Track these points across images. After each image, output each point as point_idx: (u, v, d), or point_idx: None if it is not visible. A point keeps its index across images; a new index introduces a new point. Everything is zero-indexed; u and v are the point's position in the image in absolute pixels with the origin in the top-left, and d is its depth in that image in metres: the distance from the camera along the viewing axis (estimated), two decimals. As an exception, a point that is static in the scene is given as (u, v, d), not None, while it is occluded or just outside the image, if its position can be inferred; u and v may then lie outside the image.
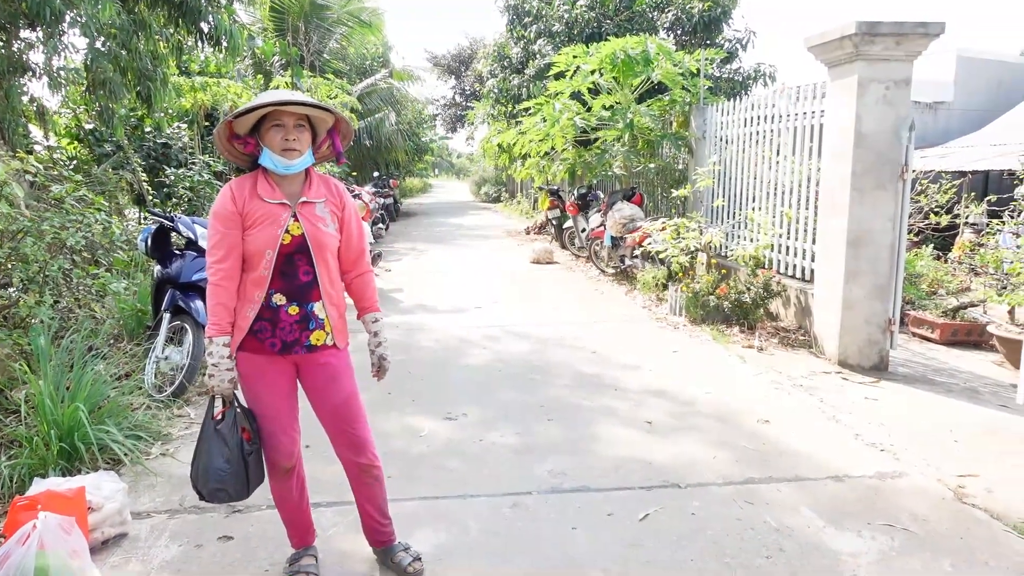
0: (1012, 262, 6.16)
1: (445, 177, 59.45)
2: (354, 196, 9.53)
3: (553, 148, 10.21)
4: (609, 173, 9.79)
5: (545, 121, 9.47)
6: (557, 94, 9.63)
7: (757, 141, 6.75)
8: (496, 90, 14.32)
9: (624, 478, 3.31)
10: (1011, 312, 6.11)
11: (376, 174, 17.33)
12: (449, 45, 33.78)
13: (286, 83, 11.10)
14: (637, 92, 9.26)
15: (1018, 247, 6.59)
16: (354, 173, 17.70)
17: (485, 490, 3.21)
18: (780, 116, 6.33)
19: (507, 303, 7.37)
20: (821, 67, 5.42)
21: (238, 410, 2.34)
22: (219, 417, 2.31)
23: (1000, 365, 5.24)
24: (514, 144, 11.00)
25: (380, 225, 13.76)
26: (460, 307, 7.16)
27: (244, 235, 2.26)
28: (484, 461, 3.52)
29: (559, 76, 9.80)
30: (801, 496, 3.12)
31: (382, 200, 15.08)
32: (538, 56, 12.71)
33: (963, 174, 10.50)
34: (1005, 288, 6.12)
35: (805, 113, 5.95)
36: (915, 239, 8.70)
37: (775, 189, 6.45)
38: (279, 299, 2.30)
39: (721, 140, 7.59)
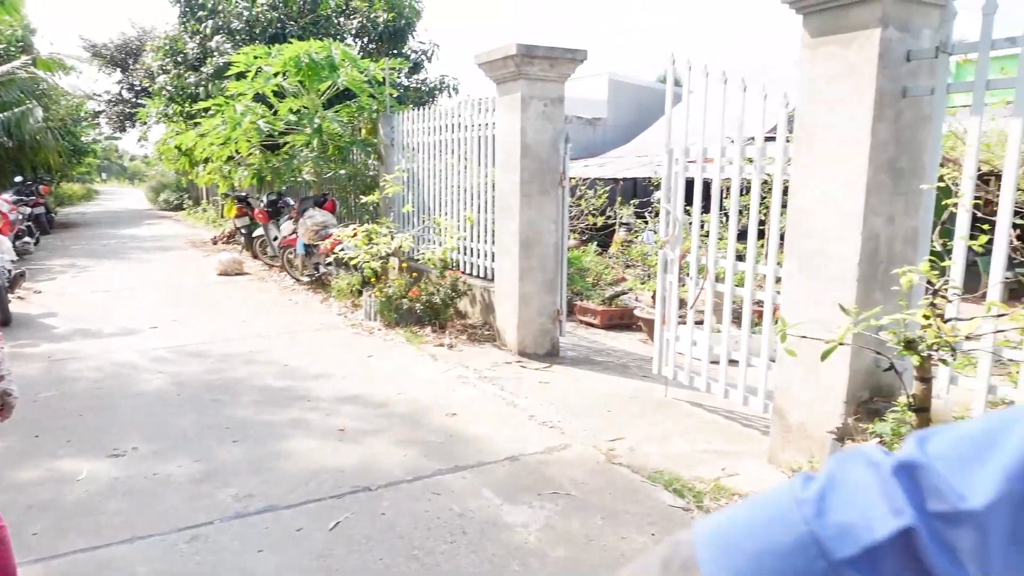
0: (650, 255, 7.36)
1: (116, 182, 52.53)
2: (-15, 205, 7.95)
3: (238, 152, 9.62)
4: (299, 179, 9.52)
5: (227, 124, 8.88)
6: (239, 95, 9.09)
7: (443, 149, 7.10)
8: (170, 87, 13.04)
9: (315, 490, 3.24)
10: (653, 296, 7.30)
11: (19, 179, 14.70)
12: (112, 33, 29.73)
13: None
14: (325, 97, 9.14)
15: (654, 243, 7.90)
16: (-12, 177, 14.78)
17: (158, 529, 2.90)
18: (463, 126, 6.73)
19: (188, 321, 6.76)
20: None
21: None
22: None
23: (645, 343, 6.20)
24: (194, 147, 10.13)
25: (27, 239, 11.70)
26: (131, 329, 6.38)
27: None
28: (157, 497, 3.18)
29: (240, 76, 9.27)
30: (482, 480, 3.36)
31: (28, 210, 12.84)
32: (216, 54, 11.86)
33: (616, 181, 12.24)
34: (649, 277, 7.28)
35: (484, 124, 6.41)
36: (582, 238, 9.93)
37: (460, 195, 6.85)
38: None
39: (410, 148, 7.83)
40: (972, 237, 2.83)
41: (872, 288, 3.17)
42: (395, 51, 12.57)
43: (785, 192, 3.63)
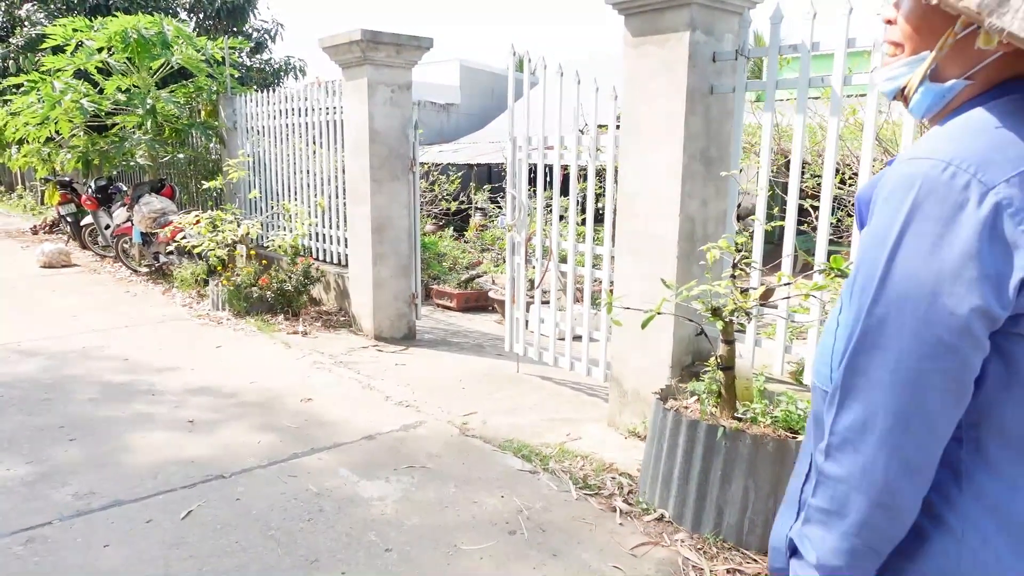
0: (503, 239, 7.62)
1: (-95, 166, 45.93)
2: None
3: (59, 133, 8.82)
4: (132, 163, 8.91)
5: (44, 102, 8.12)
6: (58, 71, 8.33)
7: (291, 133, 6.94)
8: (-29, 60, 11.65)
9: (164, 482, 3.18)
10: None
11: None
12: None
13: None
14: (158, 76, 8.59)
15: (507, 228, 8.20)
16: None
17: (-13, 535, 2.74)
18: (311, 110, 6.61)
19: (9, 318, 6.20)
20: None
21: None
22: None
23: (499, 323, 6.46)
24: (4, 127, 9.16)
25: None
26: (-62, 328, 5.77)
27: None
28: (-16, 502, 2.99)
29: (58, 50, 8.49)
30: (340, 459, 3.44)
31: None
32: (28, 23, 10.75)
33: (471, 166, 12.45)
34: (503, 260, 7.55)
35: (333, 108, 6.33)
36: (438, 224, 10.06)
37: (310, 180, 6.74)
38: None
39: (255, 131, 7.57)
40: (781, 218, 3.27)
41: (691, 264, 3.56)
42: (234, 29, 12.00)
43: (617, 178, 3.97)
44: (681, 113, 3.42)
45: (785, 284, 2.90)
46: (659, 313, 2.77)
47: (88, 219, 9.65)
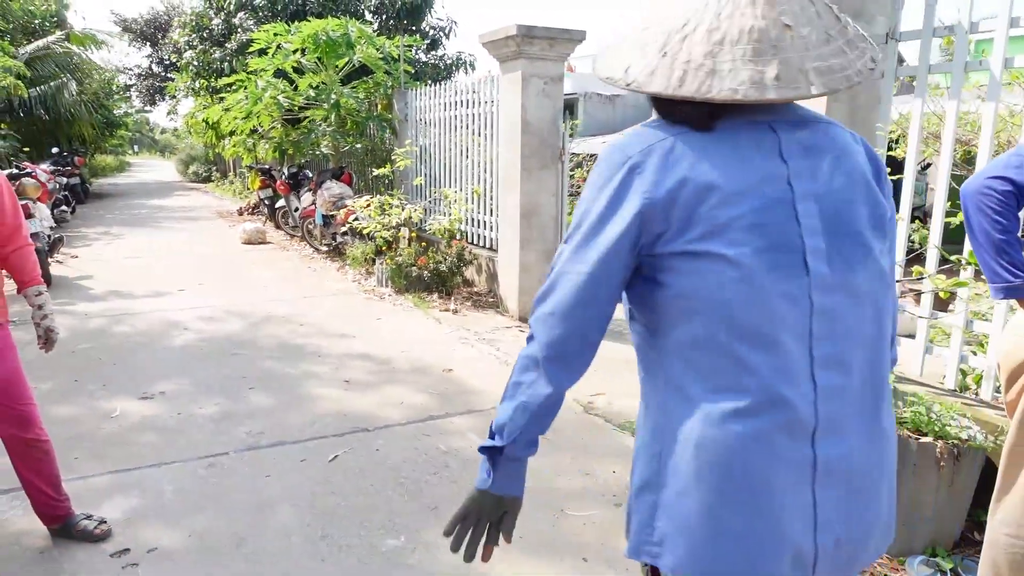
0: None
1: (147, 155, 53.52)
2: (26, 174, 8.46)
3: (260, 126, 10.02)
4: (318, 153, 9.90)
5: (249, 99, 9.27)
6: (261, 71, 9.46)
7: (454, 124, 7.41)
8: (196, 63, 13.47)
9: (319, 430, 3.65)
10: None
11: (55, 150, 15.28)
12: (141, 8, 30.18)
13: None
14: (342, 73, 9.48)
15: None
16: (26, 149, 15.37)
17: (181, 457, 3.33)
18: (472, 102, 7.03)
19: (214, 285, 7.22)
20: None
21: None
22: None
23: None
24: (219, 121, 10.56)
25: (64, 207, 12.28)
26: (161, 291, 6.86)
27: None
28: (181, 432, 3.61)
29: (262, 53, 9.63)
30: (471, 424, 3.74)
31: (65, 180, 13.41)
32: (240, 30, 12.24)
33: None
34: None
35: (491, 101, 6.70)
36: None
37: (468, 168, 7.17)
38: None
39: (423, 122, 8.16)
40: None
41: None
42: (413, 28, 12.85)
43: None
44: (823, 100, 3.32)
45: (919, 279, 2.77)
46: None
47: (281, 202, 10.87)
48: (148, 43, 26.91)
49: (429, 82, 10.47)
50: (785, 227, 1.02)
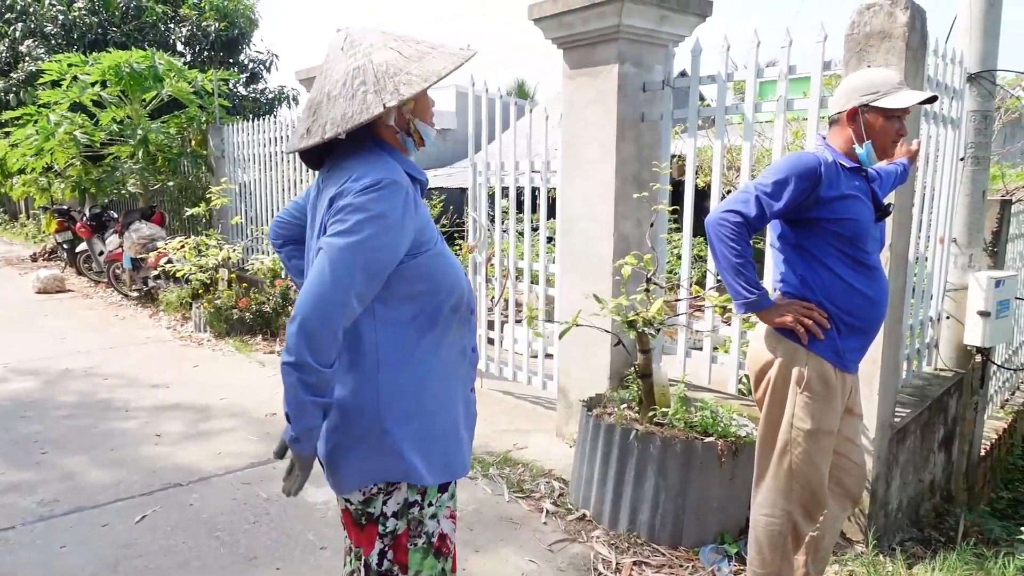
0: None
1: (-84, 196, 46.63)
2: None
3: (55, 163, 9.16)
4: (124, 192, 9.22)
5: (39, 134, 8.46)
6: (55, 104, 8.68)
7: (276, 161, 7.22)
8: (-25, 93, 12.07)
9: (124, 490, 3.39)
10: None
11: None
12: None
13: None
14: (150, 107, 8.93)
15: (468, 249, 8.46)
16: None
17: (-46, 537, 2.95)
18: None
19: (1, 340, 6.45)
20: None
21: None
22: None
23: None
24: (4, 158, 9.51)
25: None
26: (-70, 351, 6.02)
27: None
28: (-46, 509, 3.20)
29: (56, 84, 8.85)
30: (293, 468, 3.64)
31: None
32: (28, 59, 11.16)
33: (462, 190, 12.75)
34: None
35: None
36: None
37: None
38: None
39: (243, 158, 7.87)
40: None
41: (627, 281, 3.77)
42: (230, 60, 12.40)
43: (560, 200, 4.19)
44: (613, 139, 3.66)
45: (678, 300, 3.12)
46: (577, 325, 2.98)
47: (83, 246, 9.95)
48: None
49: (250, 116, 10.14)
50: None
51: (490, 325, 5.15)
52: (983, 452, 4.57)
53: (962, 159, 3.91)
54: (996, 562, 2.96)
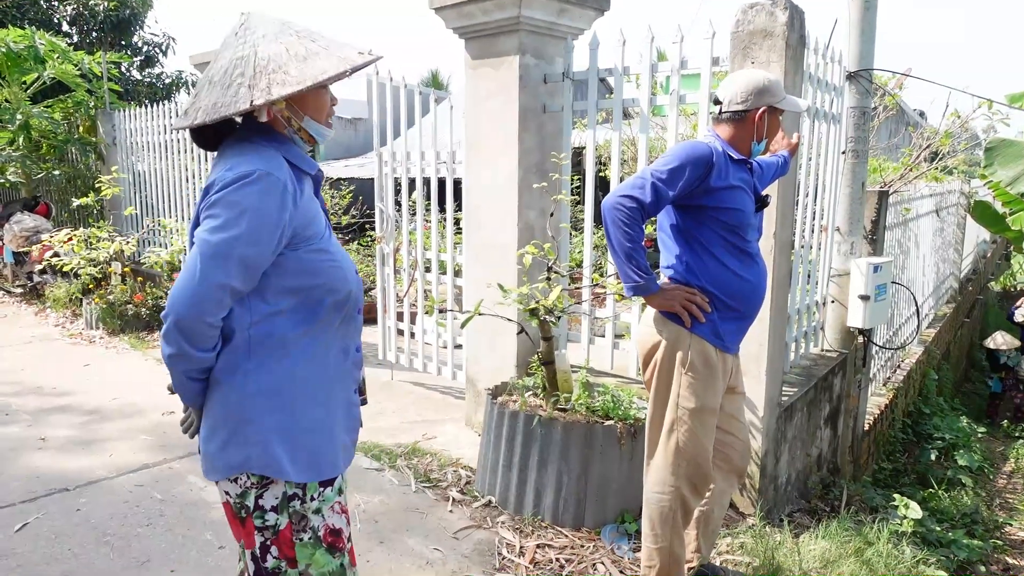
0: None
1: None
2: None
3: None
4: (4, 181, 8.59)
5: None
6: (-81, 85, 7.98)
7: (173, 149, 6.88)
8: None
9: (2, 498, 3.18)
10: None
11: None
12: None
13: None
14: (31, 90, 8.34)
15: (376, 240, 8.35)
16: None
17: None
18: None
19: None
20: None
21: None
22: None
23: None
24: None
25: None
26: None
27: None
28: None
29: (-80, 64, 8.11)
30: (190, 468, 3.51)
31: None
32: None
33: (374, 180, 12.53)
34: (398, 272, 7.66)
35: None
36: (343, 239, 10.08)
37: (191, 196, 6.71)
38: None
39: (137, 146, 7.47)
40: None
41: (532, 270, 3.82)
42: (122, 42, 11.72)
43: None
44: (515, 130, 3.69)
45: (579, 288, 3.20)
46: (480, 314, 3.01)
47: (-42, 240, 9.20)
48: None
49: (145, 102, 9.61)
50: None
51: (399, 316, 5.11)
52: (867, 427, 4.90)
53: (843, 153, 4.16)
54: (872, 528, 3.20)
